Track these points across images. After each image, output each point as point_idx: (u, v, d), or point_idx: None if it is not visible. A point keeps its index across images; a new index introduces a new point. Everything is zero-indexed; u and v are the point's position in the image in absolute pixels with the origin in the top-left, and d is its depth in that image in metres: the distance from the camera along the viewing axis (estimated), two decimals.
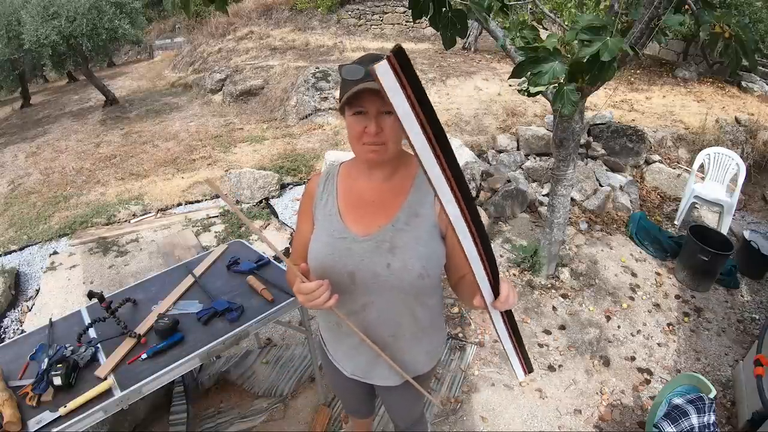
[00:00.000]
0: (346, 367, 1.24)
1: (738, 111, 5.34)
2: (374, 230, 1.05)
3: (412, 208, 1.05)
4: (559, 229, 2.86)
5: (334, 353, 1.27)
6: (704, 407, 1.72)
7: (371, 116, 0.94)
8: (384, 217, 1.05)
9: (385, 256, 1.02)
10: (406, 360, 1.17)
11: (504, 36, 2.28)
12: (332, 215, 1.08)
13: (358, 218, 1.07)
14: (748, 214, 4.29)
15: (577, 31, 1.53)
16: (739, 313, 2.94)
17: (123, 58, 13.36)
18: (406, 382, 1.21)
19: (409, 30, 9.11)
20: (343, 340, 1.21)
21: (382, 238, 1.03)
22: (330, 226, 1.08)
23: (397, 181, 1.08)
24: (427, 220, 1.05)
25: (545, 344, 2.61)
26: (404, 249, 1.02)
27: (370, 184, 1.08)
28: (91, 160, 5.31)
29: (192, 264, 2.01)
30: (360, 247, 1.04)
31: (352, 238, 1.05)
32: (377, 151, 0.98)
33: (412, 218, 1.04)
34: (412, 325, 1.13)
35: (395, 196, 1.07)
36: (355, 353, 1.19)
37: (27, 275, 3.36)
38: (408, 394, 1.31)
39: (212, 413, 2.17)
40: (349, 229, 1.06)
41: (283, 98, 6.28)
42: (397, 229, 1.03)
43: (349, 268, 1.04)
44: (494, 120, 5.11)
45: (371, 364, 1.19)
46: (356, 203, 1.09)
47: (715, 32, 1.69)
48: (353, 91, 0.90)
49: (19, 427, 1.23)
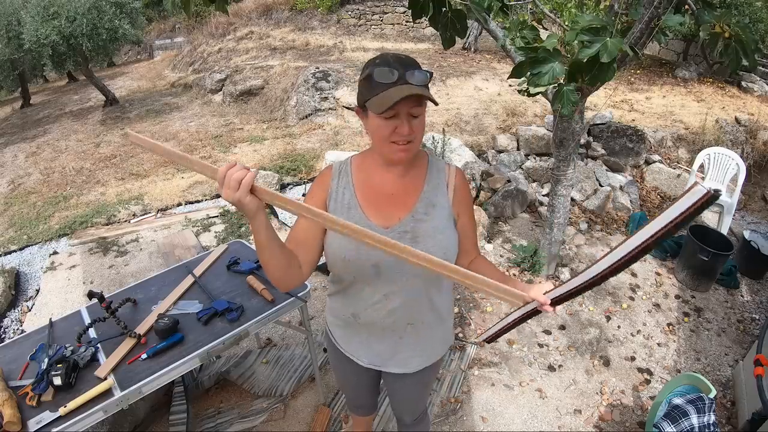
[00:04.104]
0: (362, 358, 1.27)
1: (738, 111, 5.34)
2: (395, 222, 1.08)
3: (429, 199, 1.10)
4: (559, 229, 2.86)
5: (347, 346, 1.29)
6: (704, 407, 1.71)
7: (403, 117, 0.97)
8: (403, 209, 1.09)
9: (409, 245, 1.03)
10: (425, 346, 1.23)
11: (504, 36, 2.28)
12: (352, 208, 1.10)
13: (378, 210, 1.09)
14: (748, 214, 4.29)
15: (577, 31, 1.53)
16: (739, 313, 2.94)
17: (123, 58, 13.37)
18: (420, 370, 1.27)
19: (409, 30, 9.11)
20: (359, 332, 1.23)
21: (403, 229, 1.07)
22: (351, 220, 1.08)
23: (412, 173, 1.12)
24: (443, 209, 1.10)
25: (545, 344, 2.61)
26: (426, 238, 1.06)
27: (387, 177, 1.11)
28: (91, 160, 5.31)
29: (192, 264, 2.01)
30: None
31: (374, 230, 1.05)
32: (407, 149, 1.01)
33: (430, 208, 1.09)
34: (430, 312, 1.18)
35: (412, 188, 1.11)
36: (374, 342, 1.22)
37: (27, 275, 3.36)
38: (418, 382, 1.35)
39: (212, 413, 2.17)
40: (370, 221, 1.08)
41: (283, 98, 6.29)
42: (417, 220, 1.08)
43: (373, 260, 1.06)
44: (494, 120, 5.11)
45: (390, 352, 1.23)
46: (375, 196, 1.11)
47: (715, 32, 1.69)
48: (395, 100, 0.91)
49: (19, 427, 1.23)
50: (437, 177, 1.13)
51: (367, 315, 1.17)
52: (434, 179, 1.12)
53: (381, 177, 1.11)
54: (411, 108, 0.96)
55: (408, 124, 0.97)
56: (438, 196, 1.11)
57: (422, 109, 0.98)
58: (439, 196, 1.11)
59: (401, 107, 0.94)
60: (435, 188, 1.11)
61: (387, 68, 0.94)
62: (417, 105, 0.96)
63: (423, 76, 0.95)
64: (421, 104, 0.97)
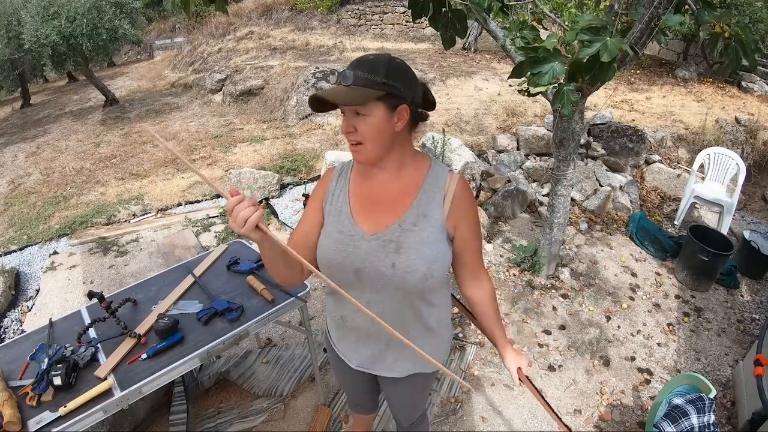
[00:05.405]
0: (352, 360, 1.26)
1: (738, 111, 5.34)
2: (382, 229, 1.06)
3: (421, 209, 1.06)
4: (559, 229, 2.86)
5: (340, 346, 1.29)
6: (704, 407, 1.71)
7: (346, 116, 1.00)
8: (392, 217, 1.06)
9: (391, 255, 1.03)
10: (410, 357, 1.19)
11: (504, 36, 2.28)
12: (342, 212, 1.09)
13: (367, 216, 1.08)
14: (748, 214, 4.29)
15: (577, 31, 1.52)
16: (739, 313, 2.94)
17: (123, 58, 13.37)
18: (411, 376, 1.24)
19: (409, 30, 9.11)
20: (348, 335, 1.23)
21: (388, 238, 1.04)
22: (339, 223, 1.09)
23: (407, 180, 1.09)
24: (435, 221, 1.06)
25: (545, 344, 2.61)
26: (410, 249, 1.03)
27: (380, 182, 1.09)
28: (91, 160, 5.31)
29: (192, 264, 2.01)
30: (367, 245, 1.05)
31: (360, 236, 1.06)
32: (356, 150, 1.01)
33: (420, 219, 1.05)
34: (417, 324, 1.14)
35: (405, 196, 1.08)
36: (360, 346, 1.22)
37: (27, 275, 3.36)
38: (411, 387, 1.32)
39: (212, 413, 2.17)
40: (358, 226, 1.07)
41: (283, 98, 6.28)
42: (404, 229, 1.04)
43: (355, 266, 1.05)
44: (494, 120, 5.11)
45: (375, 357, 1.21)
46: (366, 201, 1.10)
47: (715, 32, 1.69)
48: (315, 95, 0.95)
49: (19, 427, 1.23)
50: (434, 185, 1.07)
51: (352, 320, 1.17)
52: (431, 188, 1.07)
53: (376, 181, 1.09)
54: (345, 108, 0.97)
55: (347, 121, 0.99)
56: (431, 206, 1.06)
57: (365, 110, 0.95)
58: (433, 206, 1.06)
59: (342, 106, 0.97)
60: (430, 197, 1.07)
61: (341, 70, 0.97)
62: (349, 105, 0.96)
63: (353, 75, 0.93)
64: (360, 104, 0.95)
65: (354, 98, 0.93)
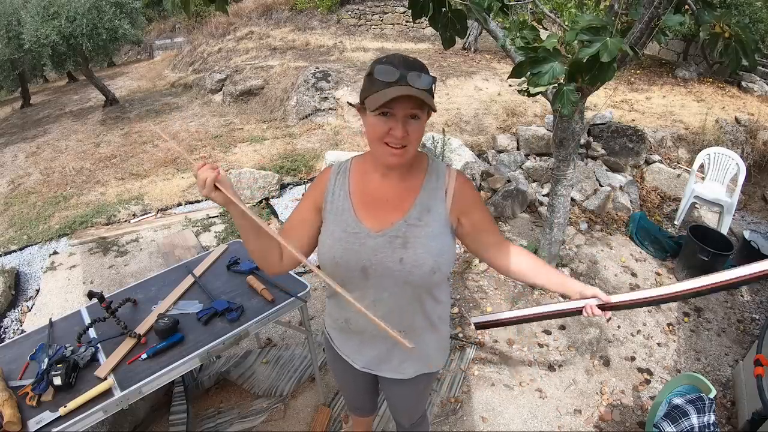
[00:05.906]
0: (357, 361, 1.26)
1: (738, 111, 5.34)
2: (387, 226, 1.06)
3: (424, 204, 1.07)
4: (559, 229, 2.86)
5: (343, 348, 1.28)
6: (704, 407, 1.71)
7: (398, 119, 0.94)
8: (397, 213, 1.07)
9: (398, 251, 1.04)
10: (420, 353, 1.20)
11: (504, 36, 2.28)
12: (345, 210, 1.09)
13: (371, 214, 1.08)
14: (748, 214, 4.29)
15: (577, 31, 1.52)
16: (739, 313, 2.94)
17: (123, 58, 13.37)
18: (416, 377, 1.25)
19: (409, 30, 9.11)
20: (352, 337, 1.23)
21: (395, 234, 1.05)
22: (343, 222, 1.08)
23: (410, 177, 1.10)
24: (439, 216, 1.07)
25: (545, 344, 2.61)
26: (416, 244, 1.04)
27: (384, 181, 1.09)
28: (91, 160, 5.31)
29: (192, 264, 2.01)
30: (374, 242, 1.05)
31: (365, 234, 1.06)
32: (398, 154, 0.97)
33: (425, 214, 1.06)
34: (423, 320, 1.15)
35: (408, 193, 1.09)
36: (366, 348, 1.21)
37: (27, 275, 3.36)
38: (414, 389, 1.33)
39: (212, 413, 2.17)
40: (362, 224, 1.07)
41: (283, 98, 6.28)
42: (410, 225, 1.05)
43: (362, 263, 1.05)
44: (494, 120, 5.11)
45: (382, 358, 1.21)
46: (370, 199, 1.10)
47: (715, 32, 1.69)
48: (389, 98, 0.89)
49: (19, 427, 1.23)
50: (435, 182, 1.09)
51: (357, 322, 1.16)
52: (432, 184, 1.09)
53: (378, 180, 1.10)
54: (409, 111, 0.93)
55: (403, 126, 0.94)
56: (434, 201, 1.08)
57: (422, 114, 0.96)
58: (436, 201, 1.08)
59: (398, 108, 0.92)
60: (432, 193, 1.08)
61: (391, 67, 0.92)
62: (416, 108, 0.93)
63: (427, 80, 0.93)
64: (421, 108, 0.94)
65: (431, 102, 0.93)
